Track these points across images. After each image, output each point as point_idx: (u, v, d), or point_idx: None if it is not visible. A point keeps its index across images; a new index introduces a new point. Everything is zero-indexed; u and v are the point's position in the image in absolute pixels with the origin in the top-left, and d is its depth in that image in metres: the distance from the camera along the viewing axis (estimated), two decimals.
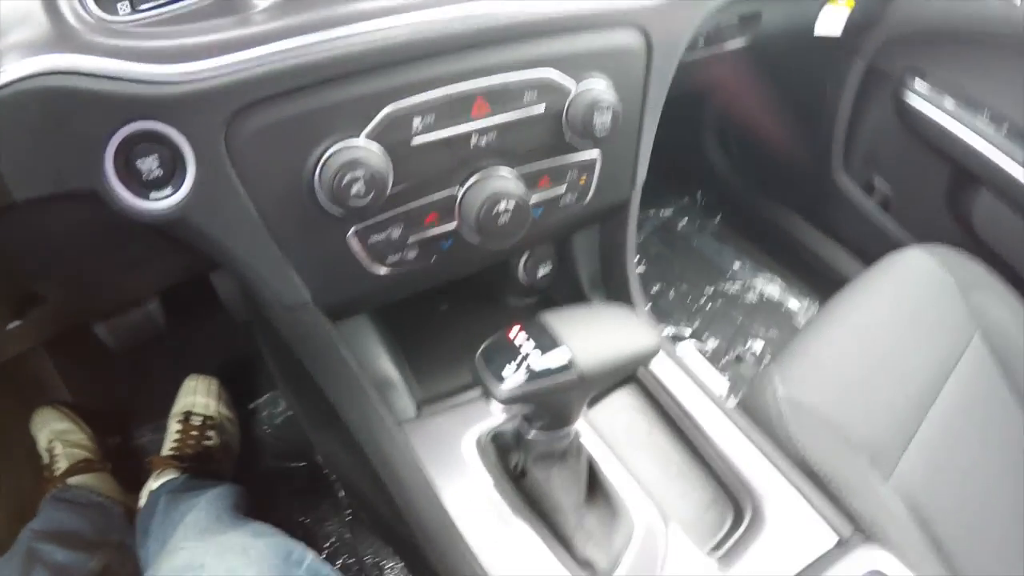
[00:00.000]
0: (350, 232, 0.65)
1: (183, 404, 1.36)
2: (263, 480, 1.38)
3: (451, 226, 0.69)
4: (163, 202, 0.56)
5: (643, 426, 0.83)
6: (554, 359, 0.55)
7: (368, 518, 1.25)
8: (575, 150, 0.73)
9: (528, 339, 0.56)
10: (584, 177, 0.76)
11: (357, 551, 1.28)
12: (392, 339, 0.85)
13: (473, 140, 0.66)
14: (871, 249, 1.24)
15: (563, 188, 0.74)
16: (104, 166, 0.53)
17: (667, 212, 1.89)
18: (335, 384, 0.76)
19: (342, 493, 1.36)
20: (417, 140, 0.63)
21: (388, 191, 0.62)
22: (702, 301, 1.72)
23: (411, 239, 0.68)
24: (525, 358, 0.55)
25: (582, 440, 0.69)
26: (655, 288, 1.73)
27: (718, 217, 1.90)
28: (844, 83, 1.50)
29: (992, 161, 1.39)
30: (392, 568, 1.26)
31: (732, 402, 0.84)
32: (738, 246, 1.85)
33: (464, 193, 0.67)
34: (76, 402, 1.39)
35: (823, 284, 1.63)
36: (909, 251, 1.18)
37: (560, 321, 0.58)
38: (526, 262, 0.90)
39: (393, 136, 0.62)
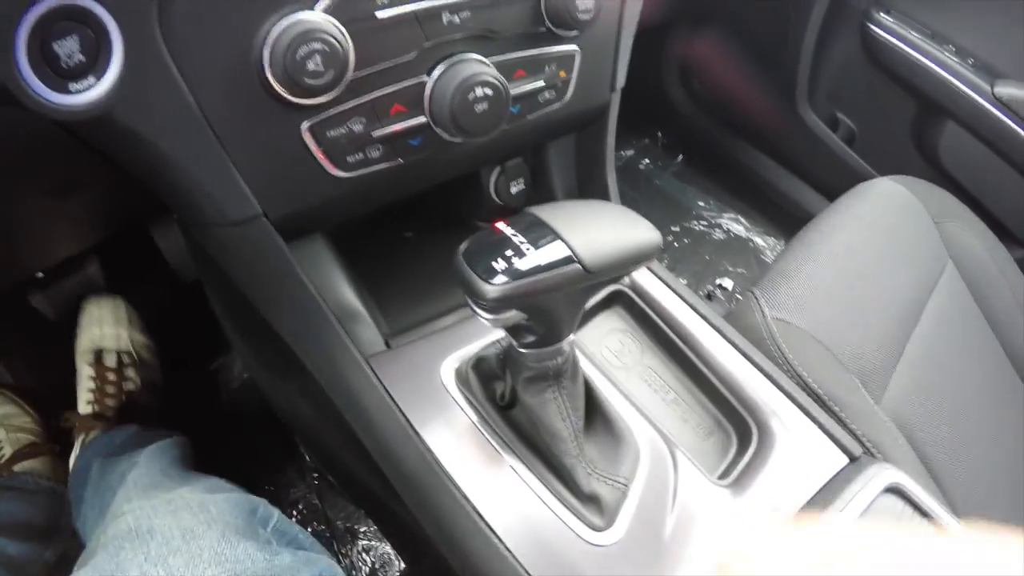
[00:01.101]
0: (304, 126, 0.56)
1: (90, 338, 1.22)
2: (223, 447, 1.27)
3: (420, 119, 0.60)
4: (85, 95, 0.46)
5: (634, 349, 0.76)
6: (551, 252, 0.47)
7: (336, 478, 1.16)
8: (554, 41, 0.66)
9: (517, 232, 0.48)
10: (563, 71, 0.68)
11: (327, 517, 1.20)
12: (354, 267, 0.76)
13: (445, 18, 0.58)
14: (836, 185, 1.23)
15: (541, 82, 0.67)
16: (15, 52, 0.43)
17: (628, 152, 1.83)
18: (291, 315, 0.67)
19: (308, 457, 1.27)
20: (382, 13, 0.55)
21: (348, 74, 0.54)
22: (668, 239, 1.67)
23: (375, 133, 0.59)
24: (517, 251, 0.47)
25: (578, 357, 0.60)
26: None
27: (680, 156, 1.84)
28: (808, 17, 1.46)
29: (960, 93, 1.40)
30: (365, 532, 1.18)
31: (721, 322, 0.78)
32: (702, 185, 1.80)
33: (435, 81, 0.59)
34: (17, 384, 1.29)
35: (789, 221, 1.61)
36: (881, 180, 1.17)
37: (551, 213, 0.50)
38: (497, 179, 0.82)
39: (354, 8, 0.53)
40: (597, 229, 0.50)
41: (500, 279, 0.46)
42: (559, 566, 0.57)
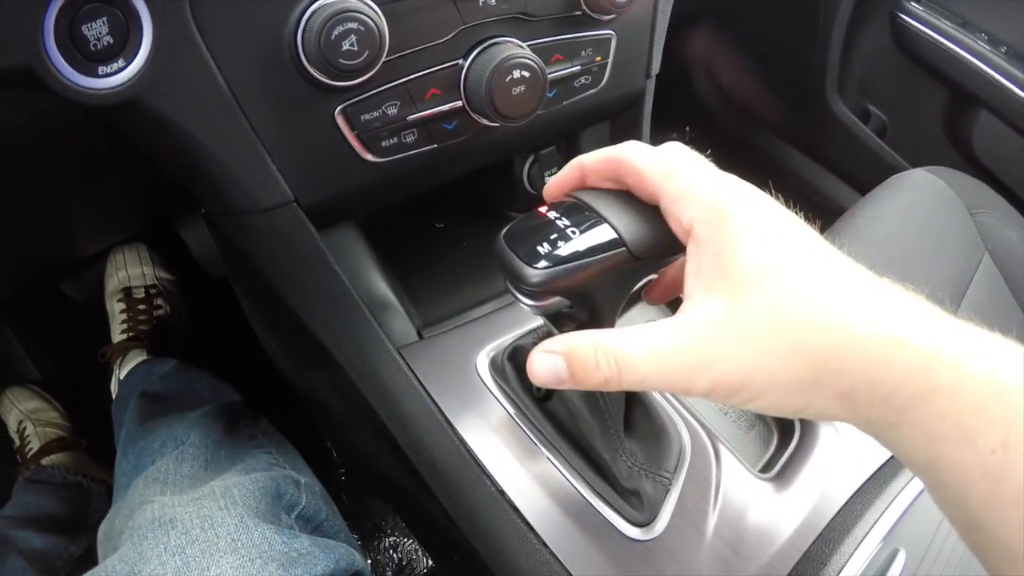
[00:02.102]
0: (337, 110, 0.55)
1: (117, 281, 1.25)
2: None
3: (456, 103, 0.59)
4: (114, 78, 0.46)
5: None
6: (597, 236, 0.45)
7: (364, 474, 1.15)
8: (590, 25, 0.65)
9: (560, 216, 0.47)
10: (599, 56, 0.67)
11: (355, 512, 1.19)
12: (384, 259, 0.75)
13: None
14: (868, 178, 1.20)
15: (577, 67, 0.65)
16: (43, 34, 0.43)
17: None
18: (322, 306, 0.66)
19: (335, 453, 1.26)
20: None
21: (384, 55, 0.53)
22: None
23: (410, 117, 0.58)
24: (562, 234, 0.45)
25: None
26: None
27: (708, 151, 1.80)
28: (838, 7, 1.43)
29: (993, 81, 1.37)
30: (393, 529, 1.17)
31: None
32: None
33: (471, 63, 0.57)
34: (45, 378, 1.31)
35: (821, 216, 1.56)
36: (914, 172, 1.15)
37: (595, 198, 0.48)
38: (531, 168, 0.80)
39: None
40: (642, 214, 0.48)
41: (544, 263, 0.44)
42: (599, 562, 0.55)
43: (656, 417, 0.62)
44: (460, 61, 0.58)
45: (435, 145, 0.61)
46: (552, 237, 0.45)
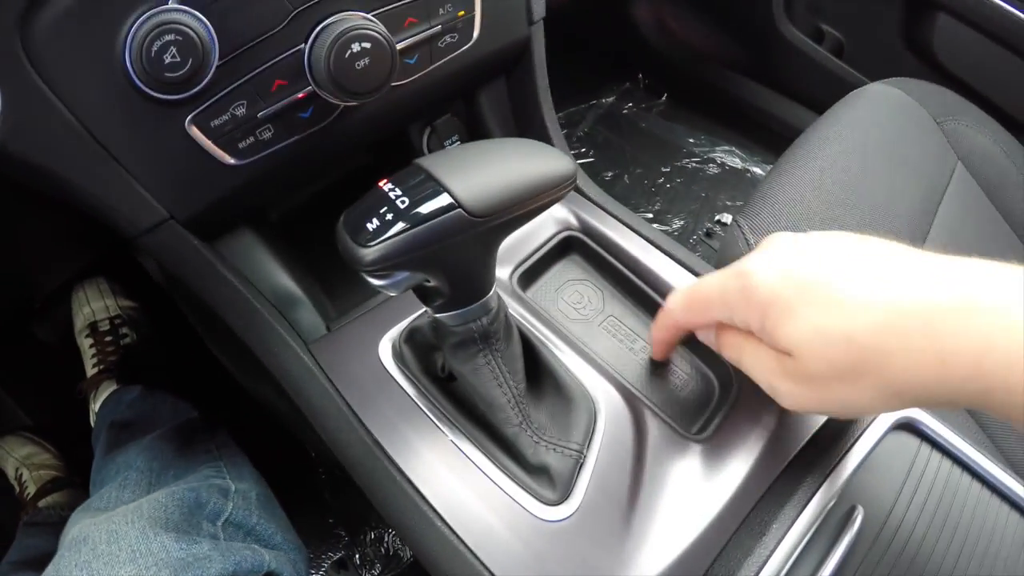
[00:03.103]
0: (188, 120, 0.54)
1: (83, 318, 1.29)
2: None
3: (306, 89, 0.57)
4: None
5: (595, 298, 0.71)
6: (431, 202, 0.43)
7: (333, 470, 1.15)
8: None
9: (395, 187, 0.45)
10: (462, 11, 0.64)
11: (335, 509, 1.18)
12: (293, 255, 0.73)
13: None
14: (829, 100, 1.16)
15: (437, 27, 0.62)
16: None
17: (609, 99, 1.76)
18: (230, 311, 0.65)
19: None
20: None
21: (215, 60, 0.52)
22: (660, 181, 1.61)
23: (261, 114, 0.56)
24: (391, 207, 0.43)
25: (510, 313, 0.56)
26: (608, 175, 1.61)
27: (664, 96, 1.77)
28: None
29: None
30: (376, 524, 1.16)
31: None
32: (690, 122, 1.73)
33: (312, 45, 0.55)
34: (36, 423, 1.34)
35: (785, 145, 1.53)
36: (872, 86, 1.11)
37: (438, 161, 0.46)
38: (429, 139, 0.77)
39: None
40: (489, 169, 0.46)
41: (375, 241, 0.42)
42: (509, 547, 0.53)
43: (564, 386, 0.59)
44: (302, 46, 0.56)
45: (296, 136, 0.59)
46: (382, 211, 0.43)
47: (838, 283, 0.41)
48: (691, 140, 1.68)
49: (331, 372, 0.61)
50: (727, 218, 1.53)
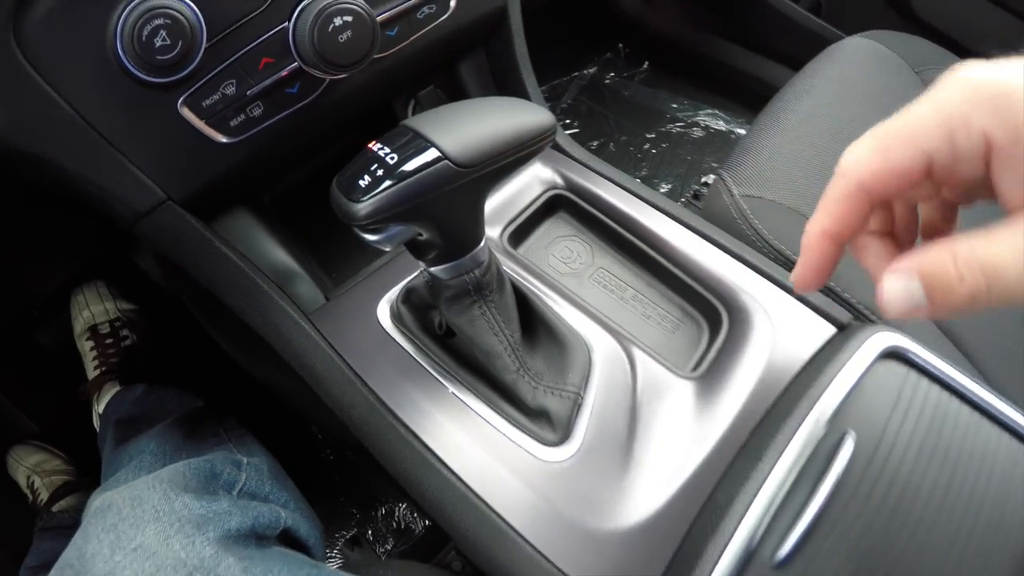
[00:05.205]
0: (180, 101, 0.57)
1: (82, 321, 1.29)
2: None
3: (292, 66, 0.59)
4: None
5: (584, 252, 0.74)
6: (419, 156, 0.45)
7: (338, 446, 1.18)
8: None
9: (384, 146, 0.47)
10: None
11: (348, 490, 1.21)
12: (289, 233, 0.75)
13: None
14: (808, 58, 1.17)
15: None
16: None
17: (591, 70, 1.77)
18: (230, 289, 0.67)
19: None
20: None
21: (203, 43, 0.54)
22: (645, 147, 1.62)
23: (249, 92, 0.58)
24: (382, 163, 0.45)
25: (502, 267, 0.59)
26: (593, 144, 1.63)
27: (645, 64, 1.79)
28: None
29: None
30: (385, 500, 1.19)
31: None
32: (673, 87, 1.74)
33: (295, 22, 0.57)
34: (43, 429, 1.35)
35: (763, 104, 1.55)
36: (849, 39, 1.12)
37: (425, 120, 0.48)
38: (413, 111, 0.79)
39: None
40: (472, 124, 0.48)
41: (366, 196, 0.45)
42: (514, 489, 0.56)
43: (558, 332, 0.62)
44: (286, 24, 0.58)
45: (285, 111, 0.61)
46: (373, 168, 0.46)
47: None
48: (674, 105, 1.70)
49: (332, 339, 0.64)
50: (712, 179, 1.54)
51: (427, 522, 1.15)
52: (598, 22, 1.81)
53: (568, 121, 1.67)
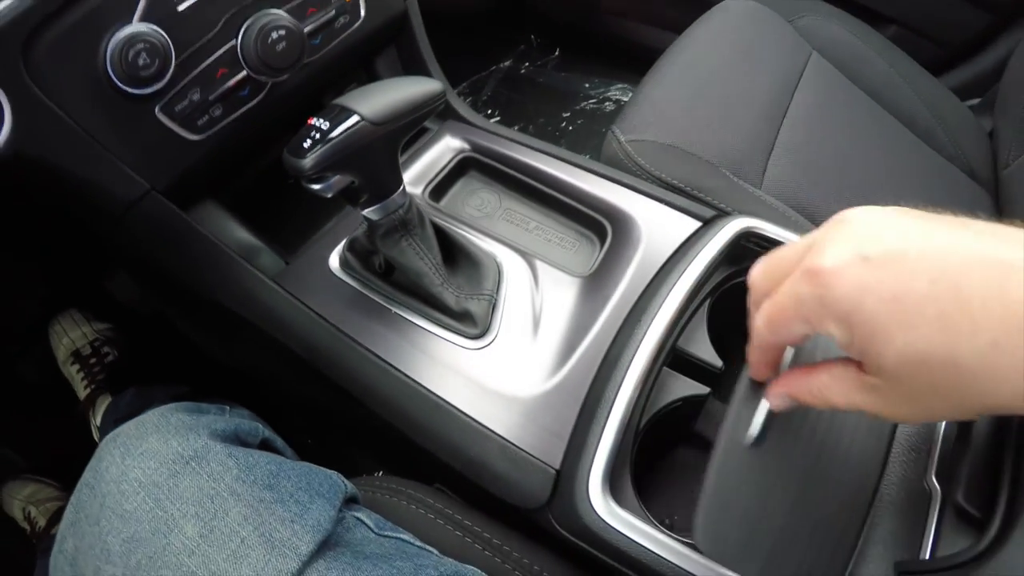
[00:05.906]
0: (157, 109, 0.72)
1: (64, 348, 1.36)
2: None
3: (242, 73, 0.75)
4: None
5: (492, 199, 0.91)
6: (345, 121, 0.62)
7: (315, 420, 1.30)
8: None
9: (319, 118, 0.63)
10: None
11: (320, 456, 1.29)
12: (250, 217, 0.90)
13: None
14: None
15: (332, 12, 0.81)
16: None
17: (507, 63, 1.93)
18: (207, 263, 0.81)
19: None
20: (181, 7, 0.70)
21: (173, 60, 0.70)
22: (563, 126, 1.78)
23: (211, 97, 0.74)
24: (318, 129, 0.62)
25: (419, 207, 0.75)
26: (515, 129, 1.77)
27: (556, 51, 1.95)
28: None
29: None
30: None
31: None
32: (583, 69, 1.90)
33: (241, 39, 0.74)
34: (33, 462, 1.40)
35: None
36: (726, 1, 1.24)
37: (349, 96, 0.65)
38: None
39: (160, 10, 0.69)
40: (382, 94, 0.66)
41: (311, 152, 0.61)
42: (450, 375, 0.73)
43: (473, 253, 0.79)
44: (234, 41, 0.74)
45: (240, 111, 0.78)
46: (312, 134, 0.63)
47: (936, 299, 0.35)
48: (587, 85, 1.85)
49: (296, 292, 0.79)
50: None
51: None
52: (509, 17, 1.95)
53: (490, 111, 1.82)
